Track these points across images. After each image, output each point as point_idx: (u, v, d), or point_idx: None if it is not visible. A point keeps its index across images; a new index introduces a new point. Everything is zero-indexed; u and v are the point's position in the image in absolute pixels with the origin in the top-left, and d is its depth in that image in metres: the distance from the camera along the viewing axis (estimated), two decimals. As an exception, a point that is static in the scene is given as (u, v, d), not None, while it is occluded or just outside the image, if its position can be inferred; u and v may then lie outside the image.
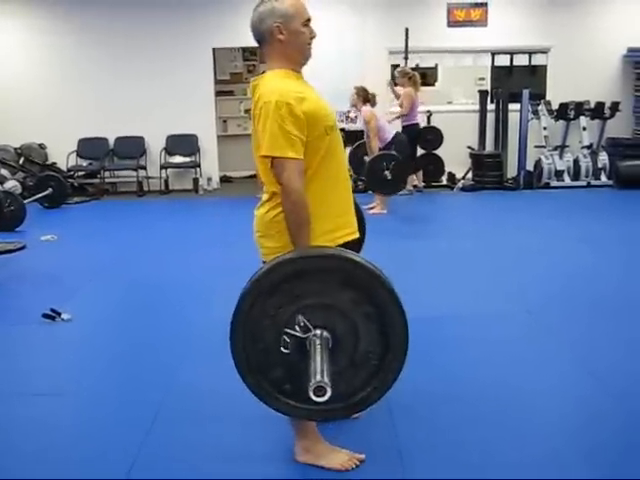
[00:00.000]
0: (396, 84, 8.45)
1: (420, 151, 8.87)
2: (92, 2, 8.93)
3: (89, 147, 9.45)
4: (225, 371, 2.12)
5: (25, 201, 7.37)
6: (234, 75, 10.62)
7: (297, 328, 1.72)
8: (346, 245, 2.24)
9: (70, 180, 9.16)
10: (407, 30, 8.68)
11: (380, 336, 1.74)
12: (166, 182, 9.52)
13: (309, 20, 2.29)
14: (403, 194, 8.02)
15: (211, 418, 2.82)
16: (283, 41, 2.23)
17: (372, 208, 7.37)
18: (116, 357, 3.61)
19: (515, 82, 9.35)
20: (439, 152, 9.04)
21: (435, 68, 10.22)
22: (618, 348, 3.50)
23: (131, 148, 9.45)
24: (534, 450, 2.52)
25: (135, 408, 2.95)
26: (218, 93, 10.00)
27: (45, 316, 4.13)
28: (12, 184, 8.74)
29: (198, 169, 9.48)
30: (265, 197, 2.32)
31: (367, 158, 7.26)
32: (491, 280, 4.77)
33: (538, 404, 2.91)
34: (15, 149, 9.25)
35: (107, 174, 9.46)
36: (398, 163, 6.89)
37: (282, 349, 1.73)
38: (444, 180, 9.26)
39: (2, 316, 4.34)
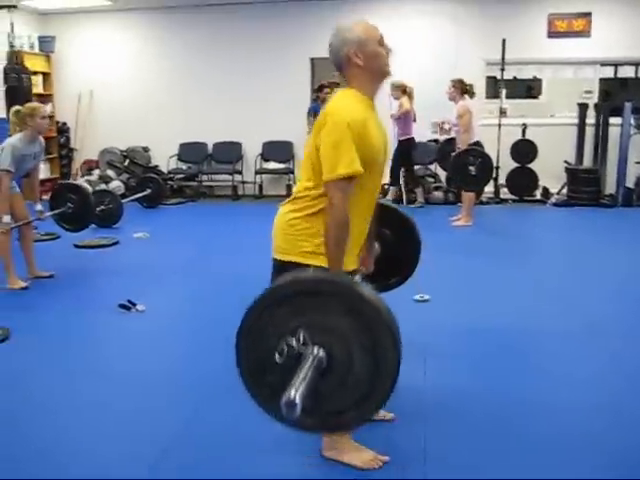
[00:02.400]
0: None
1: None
2: (197, 15, 9.37)
3: (189, 151, 9.90)
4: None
5: (125, 200, 7.83)
6: (331, 83, 10.73)
7: (295, 341, 1.81)
8: (351, 272, 2.40)
9: (170, 182, 9.63)
10: (504, 41, 8.53)
11: (372, 368, 1.81)
12: (260, 187, 9.81)
13: (382, 38, 2.36)
14: (416, 207, 8.23)
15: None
16: (362, 66, 2.31)
17: (457, 220, 7.30)
18: (182, 346, 3.83)
19: (625, 95, 8.94)
20: (533, 166, 8.82)
21: (539, 80, 9.97)
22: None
23: (228, 153, 9.81)
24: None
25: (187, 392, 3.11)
26: (314, 101, 10.18)
27: (121, 306, 4.40)
28: (116, 184, 9.30)
29: (292, 175, 9.69)
30: (293, 195, 2.41)
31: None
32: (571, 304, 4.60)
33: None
34: (121, 151, 9.82)
35: (204, 178, 9.90)
36: (485, 160, 6.78)
37: (277, 355, 1.82)
38: (538, 194, 9.01)
39: (84, 304, 4.65)
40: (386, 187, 8.38)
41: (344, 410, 1.85)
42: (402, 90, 8.10)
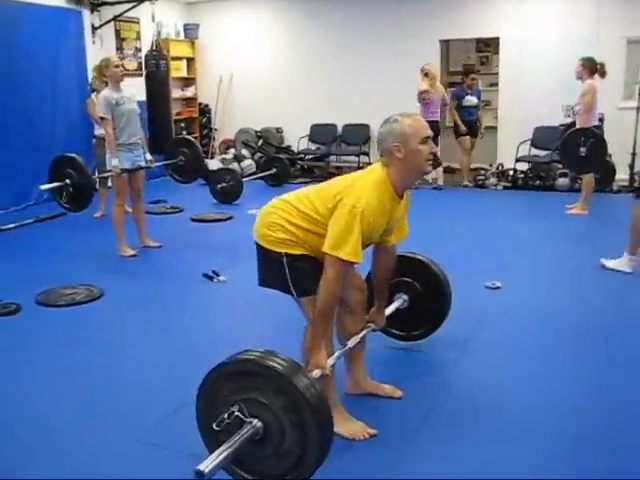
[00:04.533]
0: None
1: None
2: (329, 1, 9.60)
3: (320, 132, 10.22)
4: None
5: (250, 178, 8.31)
6: (467, 67, 10.58)
7: (238, 412, 2.05)
8: None
9: (300, 162, 10.02)
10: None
11: (301, 442, 2.01)
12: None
13: (427, 137, 2.47)
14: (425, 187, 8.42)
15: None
16: (401, 159, 2.45)
17: (573, 208, 7.01)
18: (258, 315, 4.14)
19: None
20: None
21: None
22: None
23: (357, 135, 10.00)
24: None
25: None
26: (450, 84, 10.09)
27: (205, 276, 4.78)
28: (248, 163, 9.84)
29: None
30: (296, 202, 2.58)
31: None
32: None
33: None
34: (256, 132, 10.34)
35: (333, 158, 10.17)
36: (597, 141, 6.44)
37: (214, 425, 2.07)
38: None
39: (177, 272, 5.11)
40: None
41: (283, 474, 2.07)
42: (424, 74, 8.33)
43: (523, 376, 3.16)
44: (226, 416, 2.04)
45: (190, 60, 10.55)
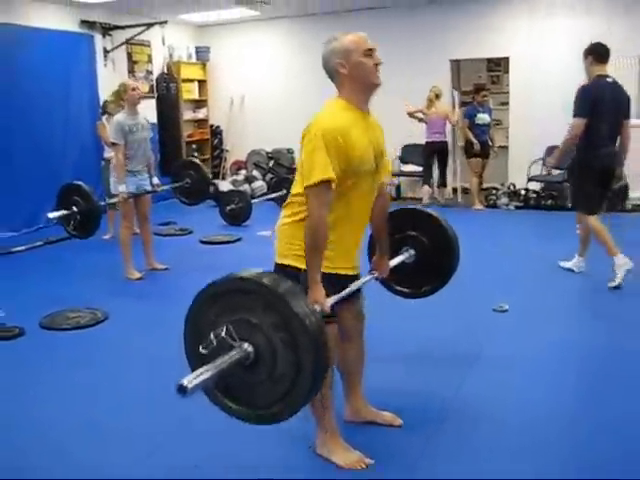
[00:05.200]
0: None
1: None
2: (338, 21, 9.62)
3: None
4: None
5: (260, 199, 8.30)
6: (478, 85, 10.54)
7: (226, 335, 1.94)
8: (344, 277, 2.52)
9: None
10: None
11: (293, 361, 1.90)
12: (398, 188, 9.88)
13: (370, 50, 2.44)
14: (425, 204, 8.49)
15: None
16: (347, 75, 2.41)
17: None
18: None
19: None
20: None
21: None
22: None
23: (368, 155, 9.95)
24: None
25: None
26: (463, 104, 10.06)
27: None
28: (259, 184, 9.85)
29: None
30: (287, 200, 2.53)
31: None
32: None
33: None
34: (267, 153, 10.36)
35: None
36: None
37: (201, 347, 1.96)
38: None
39: (182, 295, 5.04)
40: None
41: (274, 402, 1.96)
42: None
43: (528, 405, 3.09)
44: (213, 337, 1.95)
45: (202, 82, 10.63)
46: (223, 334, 1.93)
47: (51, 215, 5.07)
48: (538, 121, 8.69)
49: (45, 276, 5.58)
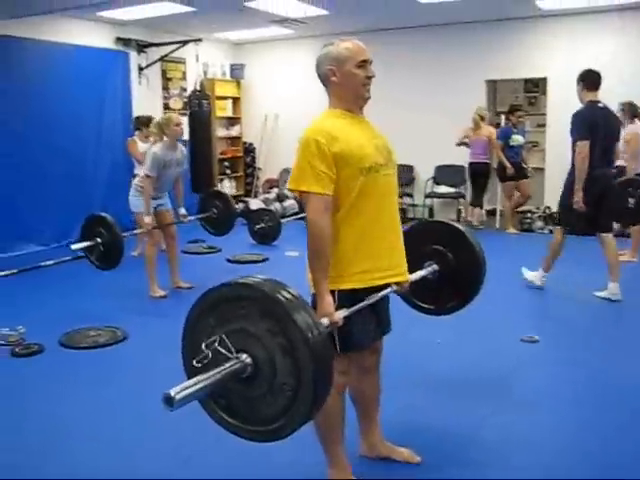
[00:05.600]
0: None
1: None
2: (374, 39, 9.47)
3: (363, 173, 10.09)
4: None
5: (291, 219, 8.23)
6: (513, 106, 10.37)
7: (221, 347, 1.83)
8: (385, 287, 2.34)
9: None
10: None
11: (293, 369, 1.76)
12: (431, 210, 9.75)
13: (365, 61, 2.34)
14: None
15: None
16: (337, 83, 2.34)
17: (622, 255, 6.69)
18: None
19: None
20: None
21: None
22: None
23: (400, 176, 9.79)
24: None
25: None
26: (497, 125, 9.90)
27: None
28: (290, 202, 9.79)
29: (463, 200, 9.50)
30: None
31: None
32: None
33: None
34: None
35: (376, 199, 10.02)
36: None
37: (195, 362, 1.84)
38: None
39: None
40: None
41: (275, 417, 1.84)
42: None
43: (555, 449, 2.92)
44: (205, 349, 1.84)
45: (235, 100, 10.64)
46: (216, 345, 1.83)
47: (74, 247, 5.02)
48: (576, 143, 8.47)
49: (70, 292, 5.58)
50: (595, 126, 4.99)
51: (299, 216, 8.76)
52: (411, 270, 2.69)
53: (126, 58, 8.55)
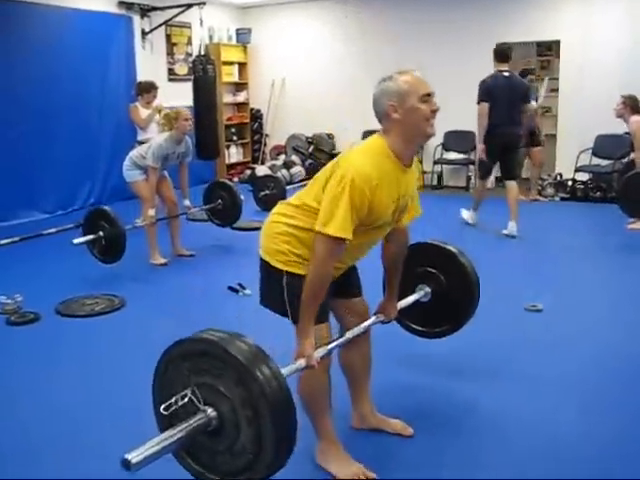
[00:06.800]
0: None
1: None
2: (383, 3, 9.34)
3: (371, 139, 9.95)
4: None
5: (294, 186, 8.12)
6: (525, 70, 10.12)
7: (192, 397, 1.82)
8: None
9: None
10: None
11: (255, 439, 1.76)
12: (439, 177, 9.61)
13: (429, 95, 2.19)
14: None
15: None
16: (399, 120, 2.18)
17: (633, 223, 6.57)
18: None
19: None
20: None
21: None
22: None
23: (409, 142, 9.68)
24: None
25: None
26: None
27: (230, 288, 4.63)
28: (297, 170, 9.69)
29: (472, 166, 9.34)
30: (293, 203, 2.33)
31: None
32: None
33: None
34: (307, 138, 10.17)
35: (384, 166, 9.89)
36: None
37: (162, 408, 1.83)
38: None
39: (204, 282, 4.98)
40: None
41: (238, 472, 1.83)
42: None
43: (553, 426, 2.85)
44: (176, 400, 1.82)
45: (242, 65, 10.47)
46: (187, 398, 1.81)
47: (76, 241, 4.96)
48: (588, 109, 8.28)
49: (70, 260, 5.50)
50: (495, 91, 6.12)
51: (304, 183, 8.67)
52: (403, 292, 2.72)
53: (129, 22, 8.40)
